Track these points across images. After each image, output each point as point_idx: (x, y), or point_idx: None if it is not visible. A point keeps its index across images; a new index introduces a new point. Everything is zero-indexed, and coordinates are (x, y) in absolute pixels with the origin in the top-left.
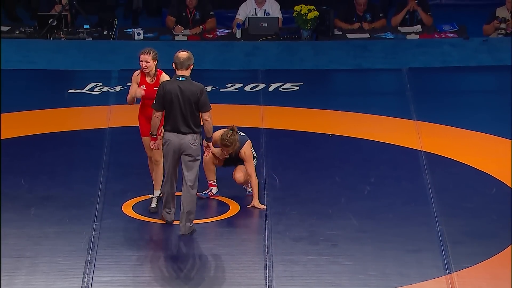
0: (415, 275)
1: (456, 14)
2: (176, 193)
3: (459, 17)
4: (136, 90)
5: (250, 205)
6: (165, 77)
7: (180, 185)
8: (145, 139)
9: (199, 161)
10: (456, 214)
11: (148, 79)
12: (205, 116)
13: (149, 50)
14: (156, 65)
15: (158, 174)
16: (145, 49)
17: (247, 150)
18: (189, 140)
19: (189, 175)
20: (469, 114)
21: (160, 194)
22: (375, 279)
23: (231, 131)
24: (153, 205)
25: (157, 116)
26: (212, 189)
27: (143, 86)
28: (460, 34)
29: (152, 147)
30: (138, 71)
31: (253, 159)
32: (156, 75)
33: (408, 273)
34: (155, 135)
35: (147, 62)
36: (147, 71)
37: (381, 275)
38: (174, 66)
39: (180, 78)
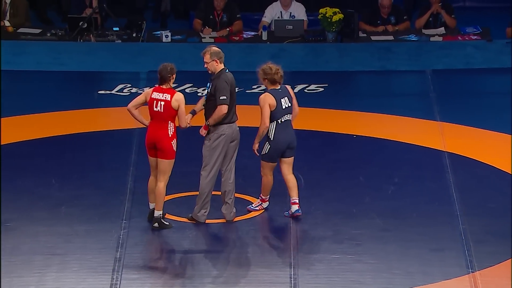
0: (438, 273)
1: (480, 16)
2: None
3: (482, 20)
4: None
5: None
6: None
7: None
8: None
9: None
10: (479, 214)
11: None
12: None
13: None
14: None
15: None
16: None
17: (261, 98)
18: (237, 127)
19: (231, 164)
20: (492, 116)
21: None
22: (398, 278)
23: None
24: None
25: (225, 111)
26: (262, 203)
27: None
28: (483, 36)
29: (203, 134)
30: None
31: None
32: None
33: (432, 271)
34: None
35: None
36: None
37: (405, 273)
38: (217, 61)
39: (227, 70)
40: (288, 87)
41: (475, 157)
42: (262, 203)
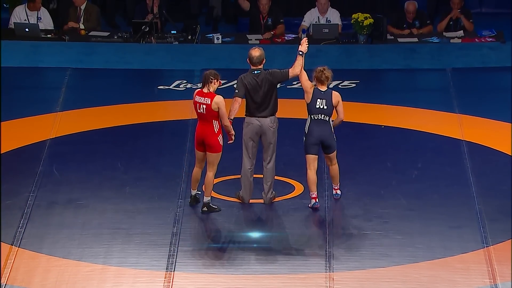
0: (456, 248)
1: (495, 21)
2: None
3: (497, 24)
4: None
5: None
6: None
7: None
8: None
9: (275, 141)
10: (493, 195)
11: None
12: (291, 70)
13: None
14: None
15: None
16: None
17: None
18: (268, 123)
19: (268, 154)
20: (505, 108)
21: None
22: (421, 251)
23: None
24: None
25: (239, 103)
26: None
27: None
28: (498, 38)
29: (228, 129)
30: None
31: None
32: None
33: (451, 246)
34: (232, 119)
35: None
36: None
37: (427, 248)
38: (248, 62)
39: (255, 72)
40: (335, 93)
41: (489, 145)
42: (311, 200)
